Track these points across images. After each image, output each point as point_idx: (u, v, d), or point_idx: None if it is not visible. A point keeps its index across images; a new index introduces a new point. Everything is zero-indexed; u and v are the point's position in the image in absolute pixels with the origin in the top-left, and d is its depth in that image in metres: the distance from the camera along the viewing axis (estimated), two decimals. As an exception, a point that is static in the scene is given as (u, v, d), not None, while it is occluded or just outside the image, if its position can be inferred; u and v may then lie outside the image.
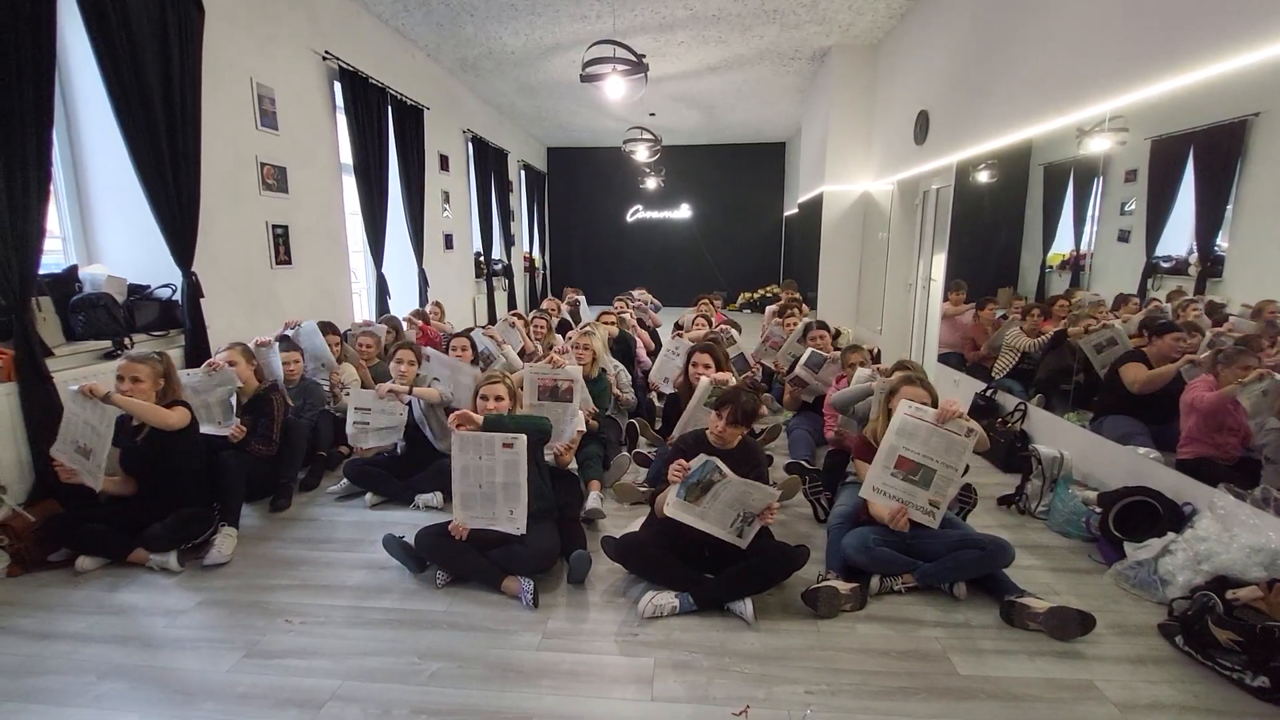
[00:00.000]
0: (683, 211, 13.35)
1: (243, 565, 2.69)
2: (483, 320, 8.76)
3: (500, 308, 9.47)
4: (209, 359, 3.20)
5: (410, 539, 2.57)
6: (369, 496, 3.31)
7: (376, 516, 3.17)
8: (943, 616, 2.30)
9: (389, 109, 6.00)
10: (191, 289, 3.71)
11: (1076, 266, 3.66)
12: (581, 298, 7.88)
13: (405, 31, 6.43)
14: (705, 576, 2.36)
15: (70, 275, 3.40)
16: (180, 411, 2.72)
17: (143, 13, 3.32)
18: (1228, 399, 2.54)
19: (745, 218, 13.11)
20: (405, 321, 5.47)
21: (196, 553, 2.71)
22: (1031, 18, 3.93)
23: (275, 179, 4.60)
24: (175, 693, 1.92)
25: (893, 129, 6.45)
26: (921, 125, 5.66)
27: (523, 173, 11.20)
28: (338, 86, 5.33)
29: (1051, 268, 3.91)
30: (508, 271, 9.99)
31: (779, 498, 3.19)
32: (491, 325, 5.27)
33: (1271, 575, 2.08)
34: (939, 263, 5.67)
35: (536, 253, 12.19)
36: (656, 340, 6.12)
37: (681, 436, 2.64)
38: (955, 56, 5.02)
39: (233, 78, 4.19)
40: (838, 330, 5.43)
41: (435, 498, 3.22)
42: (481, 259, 8.99)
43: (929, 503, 2.40)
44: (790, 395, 4.23)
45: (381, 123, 5.88)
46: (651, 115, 9.98)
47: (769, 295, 11.63)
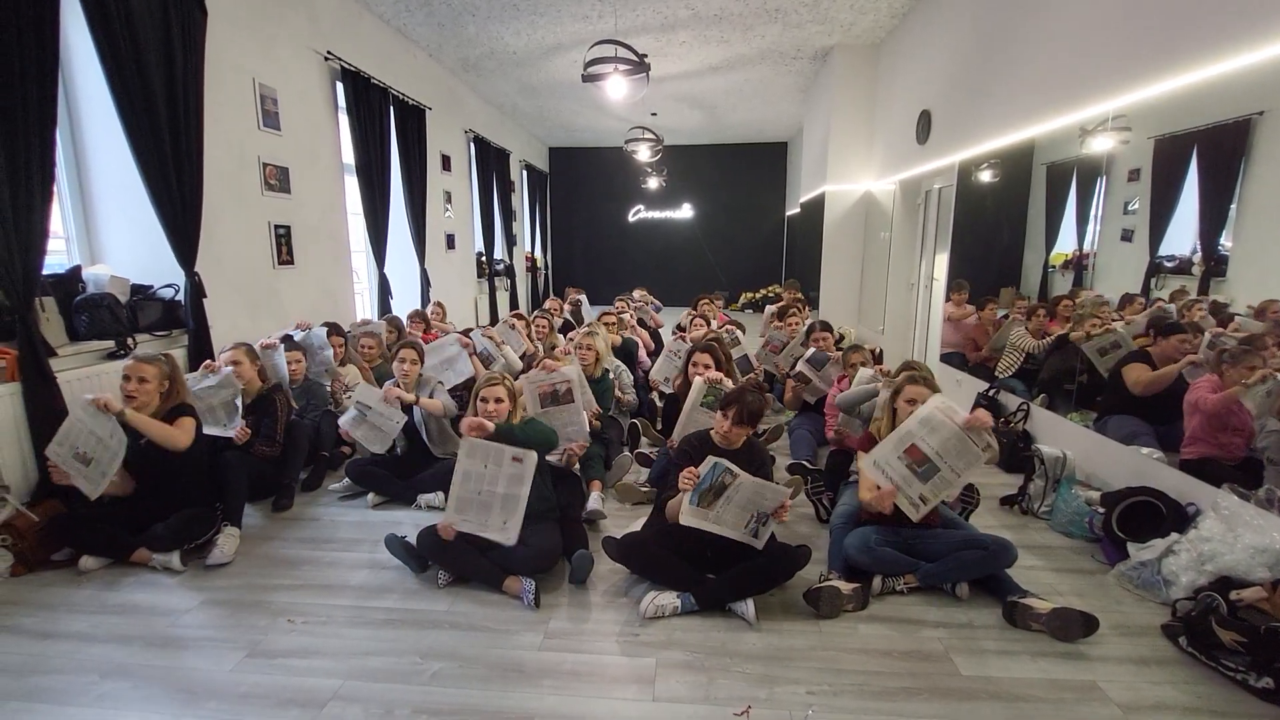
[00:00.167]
0: (684, 211, 13.34)
1: (245, 565, 2.69)
2: (484, 320, 8.77)
3: (503, 308, 9.48)
4: (207, 359, 3.20)
5: (412, 539, 2.57)
6: (371, 496, 3.32)
7: (379, 516, 3.18)
8: (945, 617, 2.29)
9: (391, 109, 6.01)
10: (194, 289, 3.72)
11: (1079, 266, 3.65)
12: (583, 297, 7.88)
13: (407, 32, 6.43)
14: (707, 577, 2.36)
15: (74, 275, 3.41)
16: (187, 430, 2.71)
17: (146, 13, 3.33)
18: (1232, 400, 2.52)
19: (747, 217, 13.11)
20: (407, 320, 5.48)
21: (199, 552, 2.71)
22: (1033, 17, 3.92)
23: (277, 179, 4.60)
24: (178, 692, 1.92)
25: (895, 128, 6.44)
26: (923, 125, 5.65)
27: (525, 173, 11.20)
28: (340, 87, 5.34)
29: (1054, 267, 3.90)
30: (509, 271, 9.99)
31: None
32: (492, 327, 5.27)
33: (1275, 576, 2.07)
34: (941, 262, 5.66)
35: (538, 252, 12.20)
36: (658, 341, 6.11)
37: (686, 439, 2.63)
38: (957, 56, 5.01)
39: (235, 78, 4.20)
40: (841, 334, 5.43)
41: (437, 498, 3.22)
42: (483, 259, 9.00)
43: (920, 496, 2.36)
44: (792, 393, 4.23)
45: (383, 123, 5.89)
46: (653, 115, 9.98)
47: (771, 295, 11.61)
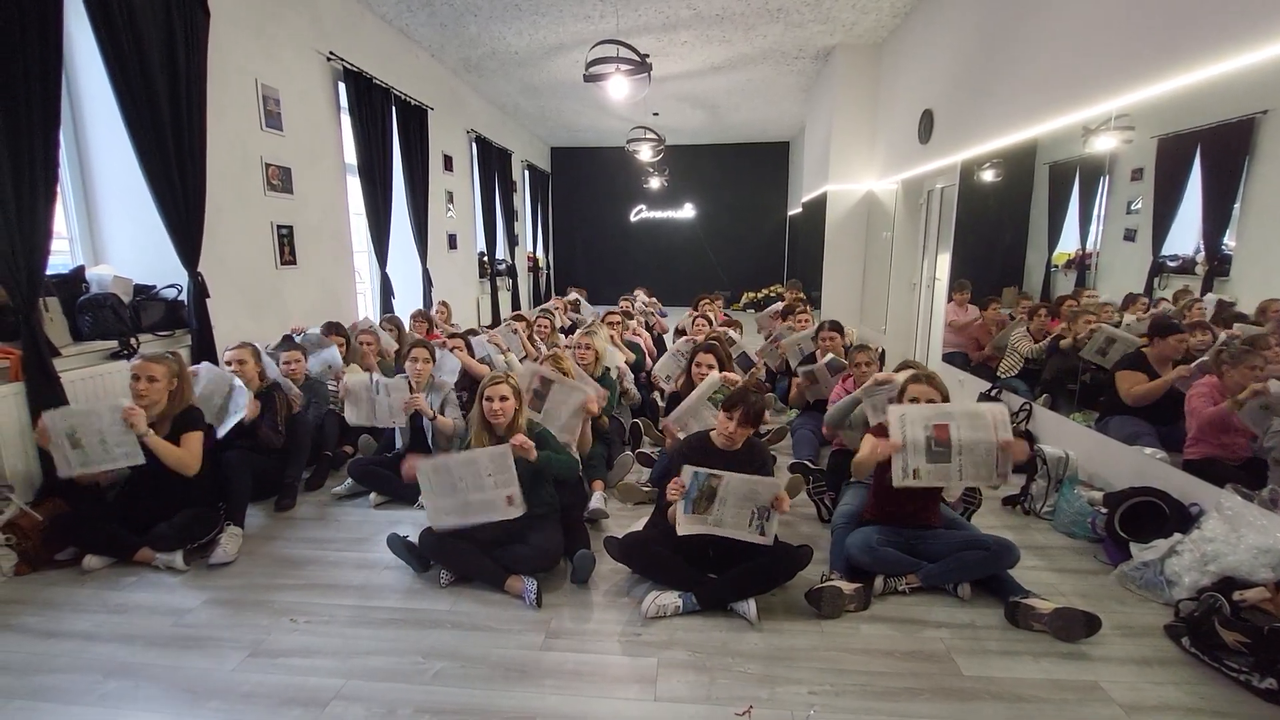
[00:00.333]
0: (686, 211, 13.34)
1: (248, 564, 2.70)
2: (486, 320, 8.78)
3: (504, 308, 9.49)
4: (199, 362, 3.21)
5: (414, 538, 2.58)
6: (373, 496, 3.32)
7: (381, 516, 3.18)
8: (947, 617, 2.29)
9: (393, 109, 6.02)
10: (197, 289, 3.73)
11: (1082, 266, 3.64)
12: (578, 297, 7.84)
13: (409, 32, 6.44)
14: (709, 576, 2.36)
15: (77, 276, 3.42)
16: (196, 455, 2.72)
17: (149, 14, 3.34)
18: (1225, 414, 2.54)
19: (749, 217, 13.10)
20: (410, 320, 5.48)
21: (202, 552, 2.72)
22: (1035, 16, 3.91)
23: (280, 180, 4.61)
24: (180, 691, 1.93)
25: (897, 128, 6.43)
26: (926, 124, 5.64)
27: (526, 173, 11.21)
28: (342, 87, 5.34)
29: (1057, 267, 3.89)
30: (511, 271, 10.00)
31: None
32: (495, 329, 5.28)
33: (1279, 576, 2.07)
34: (943, 262, 5.65)
35: (540, 252, 12.21)
36: (661, 346, 6.09)
37: (685, 440, 2.64)
38: (959, 55, 5.00)
39: (237, 79, 4.20)
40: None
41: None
42: (485, 259, 9.01)
43: (915, 470, 2.28)
44: (797, 390, 4.20)
45: (385, 123, 5.89)
46: (655, 115, 9.97)
47: (773, 295, 11.59)
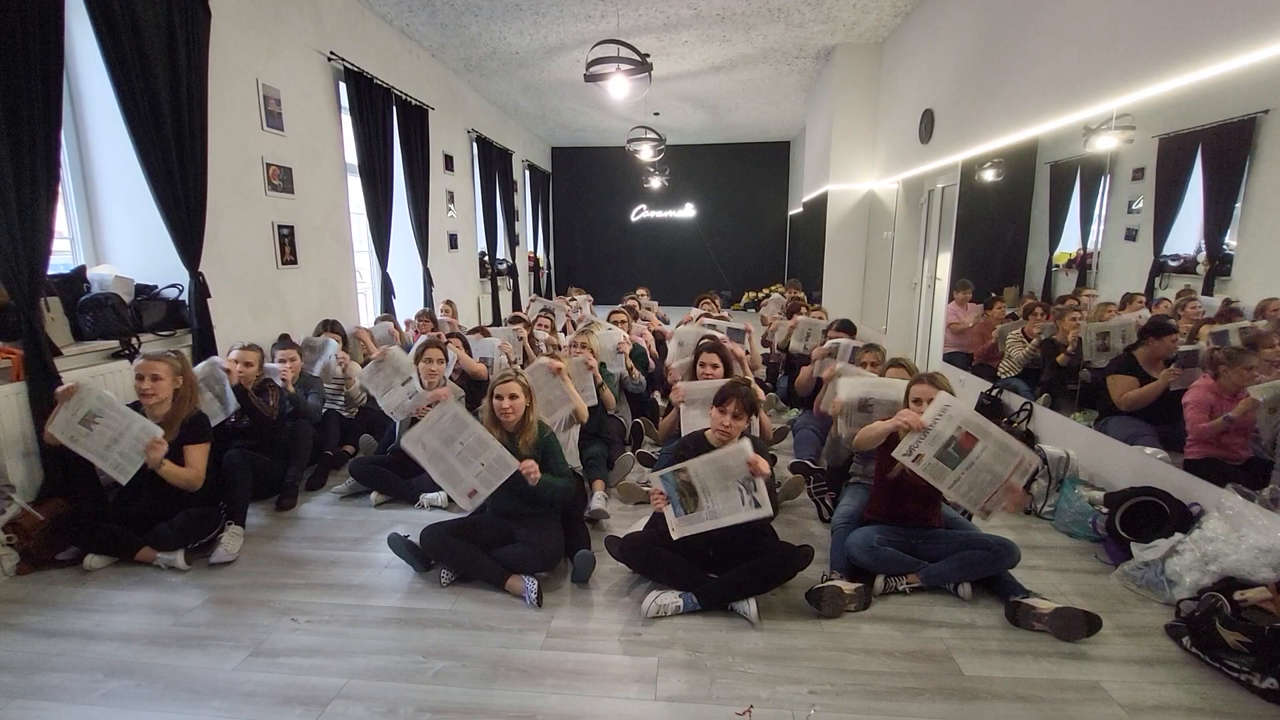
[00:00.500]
0: (687, 211, 13.34)
1: (249, 564, 2.70)
2: (486, 319, 8.78)
3: (505, 308, 9.49)
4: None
5: (415, 538, 2.58)
6: (374, 495, 3.32)
7: (382, 515, 3.19)
8: (948, 617, 2.29)
9: (394, 109, 6.02)
10: (198, 289, 3.73)
11: (1083, 265, 3.64)
12: (579, 298, 7.81)
13: (410, 32, 6.44)
14: (709, 576, 2.36)
15: (78, 275, 3.42)
16: (200, 471, 2.74)
17: (150, 14, 3.34)
18: (1220, 429, 2.57)
19: (750, 217, 13.10)
20: (416, 319, 5.48)
21: (203, 551, 2.73)
22: (1036, 16, 3.91)
23: (281, 179, 4.62)
24: (182, 690, 1.93)
25: (897, 128, 6.43)
26: (926, 124, 5.64)
27: (527, 172, 11.21)
28: (343, 87, 5.34)
29: (1058, 267, 3.89)
30: (512, 271, 10.00)
31: (783, 496, 3.22)
32: (501, 328, 5.28)
33: (1280, 576, 2.07)
34: (944, 262, 5.65)
35: (541, 252, 12.21)
36: (662, 350, 6.06)
37: (680, 441, 2.65)
38: (960, 55, 5.00)
39: (239, 79, 4.20)
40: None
41: (440, 497, 3.23)
42: (486, 259, 9.01)
43: (918, 455, 2.25)
44: (807, 376, 4.06)
45: (386, 123, 5.89)
46: (656, 115, 9.98)
47: (773, 294, 11.58)
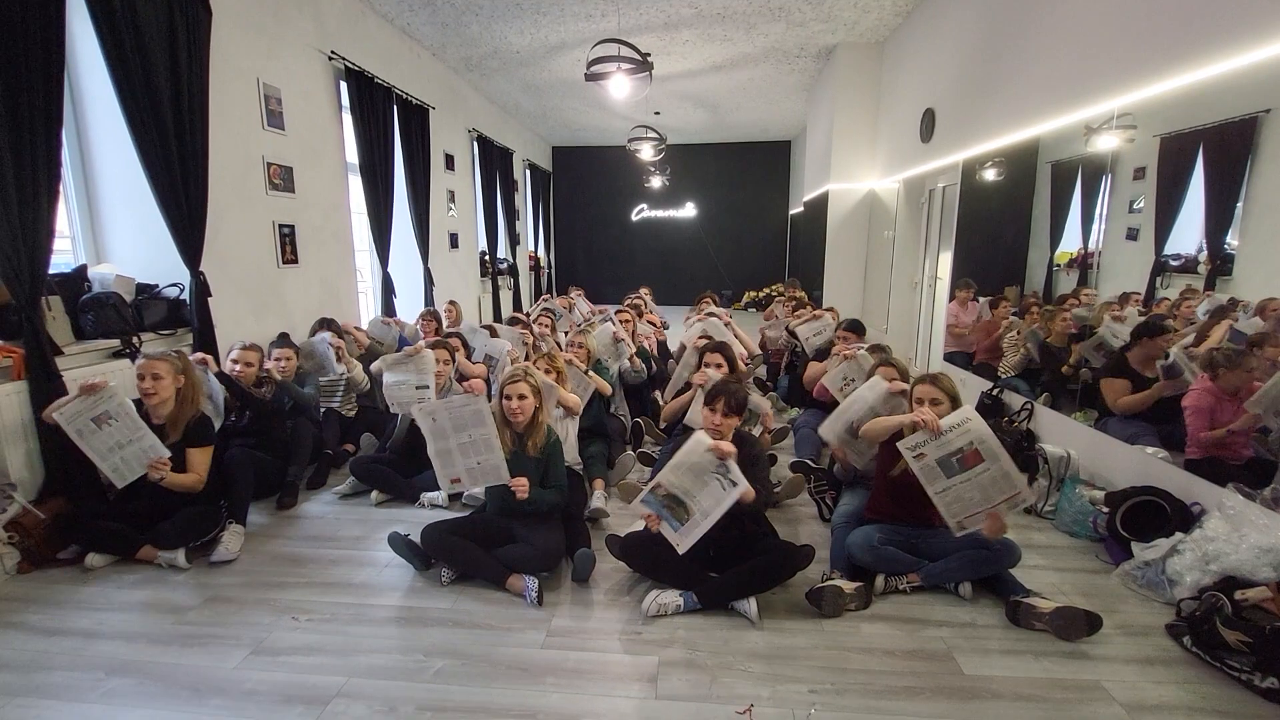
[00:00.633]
0: (688, 210, 13.33)
1: (250, 562, 2.71)
2: (488, 318, 8.78)
3: (505, 307, 9.49)
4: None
5: (415, 537, 2.58)
6: (375, 494, 3.33)
7: (382, 514, 3.19)
8: (948, 616, 2.29)
9: (394, 108, 6.02)
10: (199, 288, 3.73)
11: (1084, 265, 3.64)
12: (573, 298, 7.80)
13: (411, 31, 6.44)
14: (709, 575, 2.36)
15: (79, 274, 3.42)
16: (202, 475, 2.76)
17: (151, 14, 3.34)
18: (1220, 440, 2.57)
19: (750, 216, 13.10)
20: (420, 319, 5.47)
21: (204, 550, 2.73)
22: (1037, 15, 3.90)
23: (282, 179, 4.62)
24: (183, 689, 1.94)
25: (898, 127, 6.42)
26: (927, 123, 5.63)
27: (528, 172, 11.21)
28: (343, 86, 5.34)
29: (1059, 266, 3.88)
30: (513, 271, 10.01)
31: (783, 496, 3.22)
32: (509, 326, 5.28)
33: (1281, 576, 2.07)
34: (945, 261, 5.64)
35: (541, 251, 12.21)
36: (664, 352, 6.07)
37: (675, 443, 2.66)
38: (961, 54, 5.00)
39: (239, 78, 4.20)
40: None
41: (440, 496, 3.23)
42: (486, 258, 9.01)
43: (920, 453, 2.23)
44: (812, 373, 4.03)
45: (387, 122, 5.89)
46: (656, 114, 9.97)
47: (774, 294, 11.59)
